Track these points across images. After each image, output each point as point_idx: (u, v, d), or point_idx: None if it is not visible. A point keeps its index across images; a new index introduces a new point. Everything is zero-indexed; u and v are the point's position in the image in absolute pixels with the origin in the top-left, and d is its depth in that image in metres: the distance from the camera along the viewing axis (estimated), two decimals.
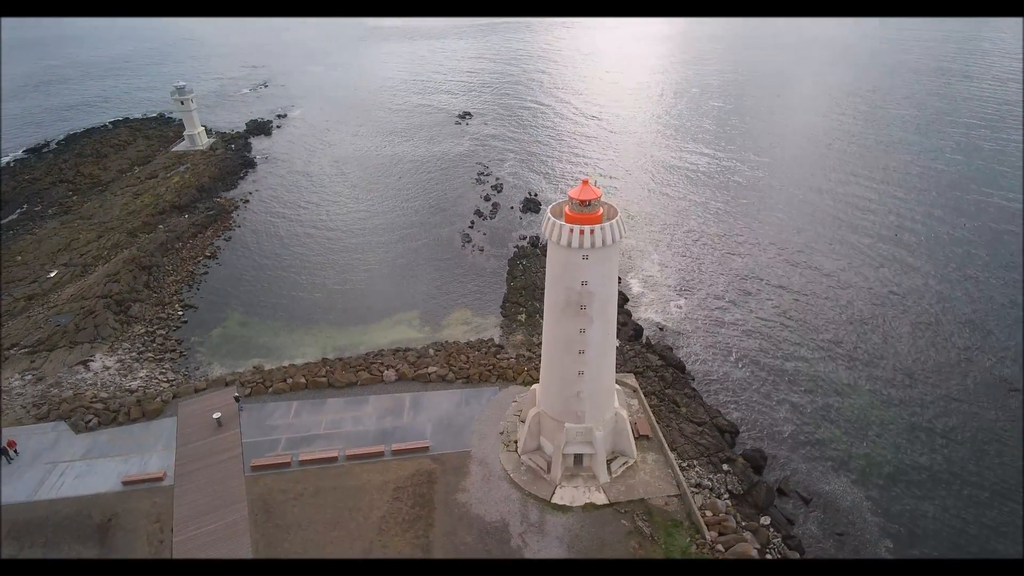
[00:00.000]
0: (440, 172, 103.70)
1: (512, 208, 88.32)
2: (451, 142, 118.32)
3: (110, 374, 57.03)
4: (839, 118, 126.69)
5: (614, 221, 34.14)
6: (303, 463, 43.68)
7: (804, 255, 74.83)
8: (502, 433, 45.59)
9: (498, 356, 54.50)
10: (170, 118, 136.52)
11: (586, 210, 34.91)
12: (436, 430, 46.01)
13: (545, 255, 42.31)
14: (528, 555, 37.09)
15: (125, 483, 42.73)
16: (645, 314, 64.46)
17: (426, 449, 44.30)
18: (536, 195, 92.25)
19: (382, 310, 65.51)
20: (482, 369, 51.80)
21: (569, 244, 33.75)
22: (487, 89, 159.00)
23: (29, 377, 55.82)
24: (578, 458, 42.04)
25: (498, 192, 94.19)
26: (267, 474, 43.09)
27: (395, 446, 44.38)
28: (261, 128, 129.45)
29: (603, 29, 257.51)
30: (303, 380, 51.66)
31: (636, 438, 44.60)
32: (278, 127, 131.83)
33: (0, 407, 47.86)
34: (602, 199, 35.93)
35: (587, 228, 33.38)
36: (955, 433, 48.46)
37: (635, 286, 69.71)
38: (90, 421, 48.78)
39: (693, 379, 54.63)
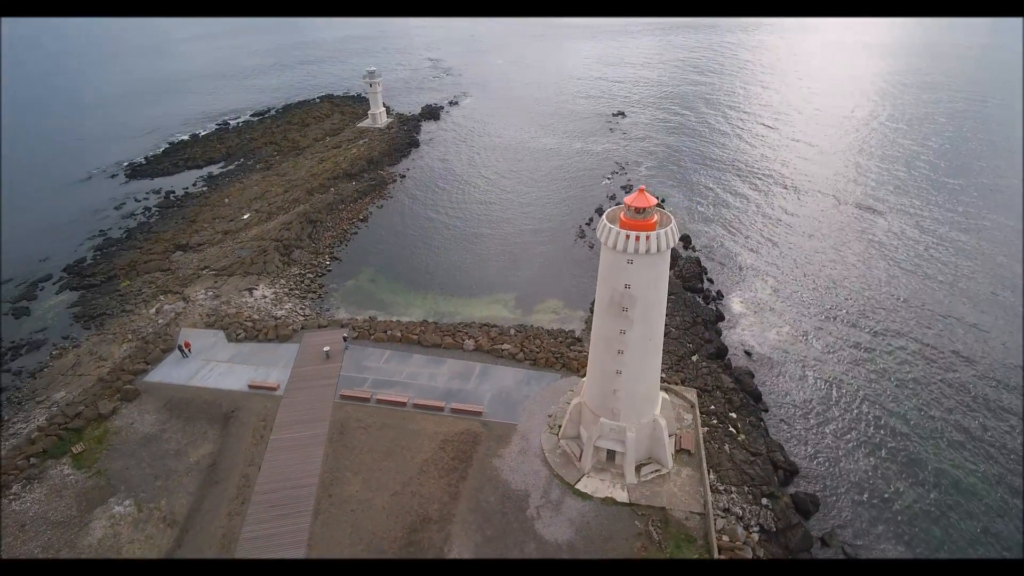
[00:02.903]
0: (575, 167, 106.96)
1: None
2: (595, 140, 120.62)
3: (264, 302, 70.14)
4: None
5: (663, 231, 35.13)
6: (379, 401, 50.92)
7: (951, 325, 63.49)
8: (550, 416, 48.58)
9: (571, 347, 57.08)
10: (364, 98, 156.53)
11: (639, 217, 36.30)
12: (493, 400, 50.45)
13: None
14: (539, 527, 40.05)
15: (250, 387, 53.48)
16: (738, 336, 62.05)
17: (479, 414, 48.99)
18: (663, 201, 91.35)
19: (484, 288, 71.39)
20: (550, 355, 54.99)
21: (614, 247, 35.58)
22: (649, 91, 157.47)
23: (210, 293, 70.97)
24: (611, 455, 43.63)
25: (626, 192, 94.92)
26: (350, 404, 51.03)
27: (454, 405, 49.75)
28: (432, 113, 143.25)
29: (795, 32, 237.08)
30: (399, 335, 59.35)
31: (677, 451, 44.78)
32: (447, 113, 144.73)
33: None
34: (658, 207, 36.97)
35: (632, 233, 34.93)
36: None
37: (736, 306, 67.02)
38: (240, 335, 61.27)
39: (765, 410, 52.12)
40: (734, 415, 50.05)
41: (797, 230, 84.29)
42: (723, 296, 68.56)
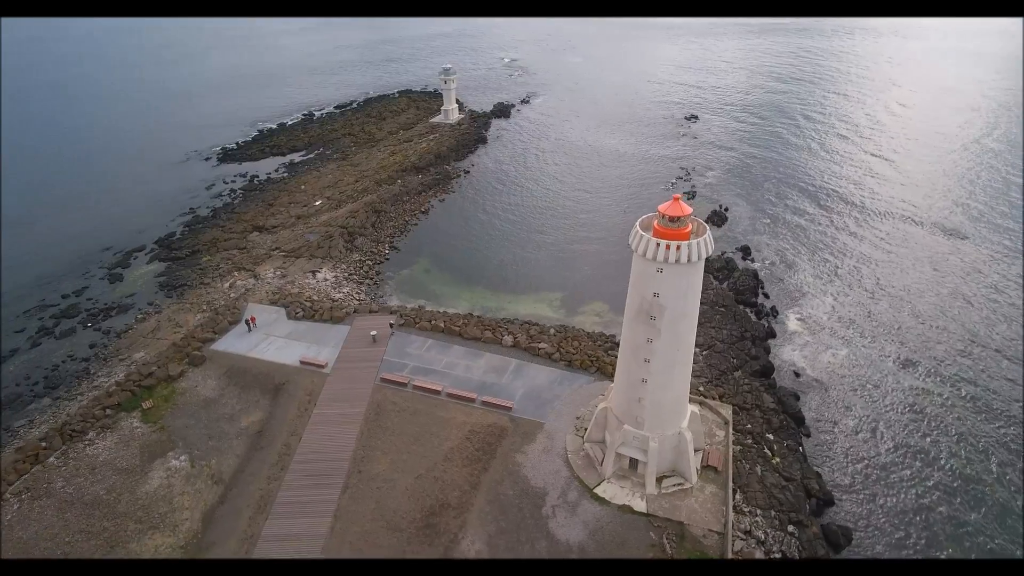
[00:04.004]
0: (639, 171, 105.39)
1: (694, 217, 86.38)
2: (664, 143, 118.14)
3: (325, 284, 74.23)
4: None
5: (695, 241, 34.60)
6: (415, 388, 53.01)
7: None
8: (578, 418, 48.79)
9: (609, 352, 56.82)
10: (439, 94, 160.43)
11: (672, 226, 35.91)
12: (523, 397, 51.28)
13: None
14: (553, 526, 40.55)
15: (301, 362, 57.03)
16: (788, 355, 59.41)
17: (509, 409, 49.96)
18: (727, 210, 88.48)
19: (532, 286, 72.19)
20: (585, 358, 55.06)
21: (644, 254, 35.38)
22: (725, 97, 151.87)
23: (278, 273, 75.95)
24: (634, 463, 43.37)
25: (688, 199, 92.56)
26: (388, 387, 53.41)
27: (485, 398, 51.01)
28: (503, 111, 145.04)
29: (892, 37, 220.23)
30: (442, 325, 61.32)
31: (703, 467, 43.83)
32: (518, 111, 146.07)
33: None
34: (691, 216, 36.39)
35: (663, 242, 34.62)
36: None
37: (791, 323, 64.07)
38: (298, 313, 65.32)
39: (807, 435, 49.74)
40: (771, 436, 48.21)
41: (868, 252, 79.04)
42: (777, 312, 65.74)
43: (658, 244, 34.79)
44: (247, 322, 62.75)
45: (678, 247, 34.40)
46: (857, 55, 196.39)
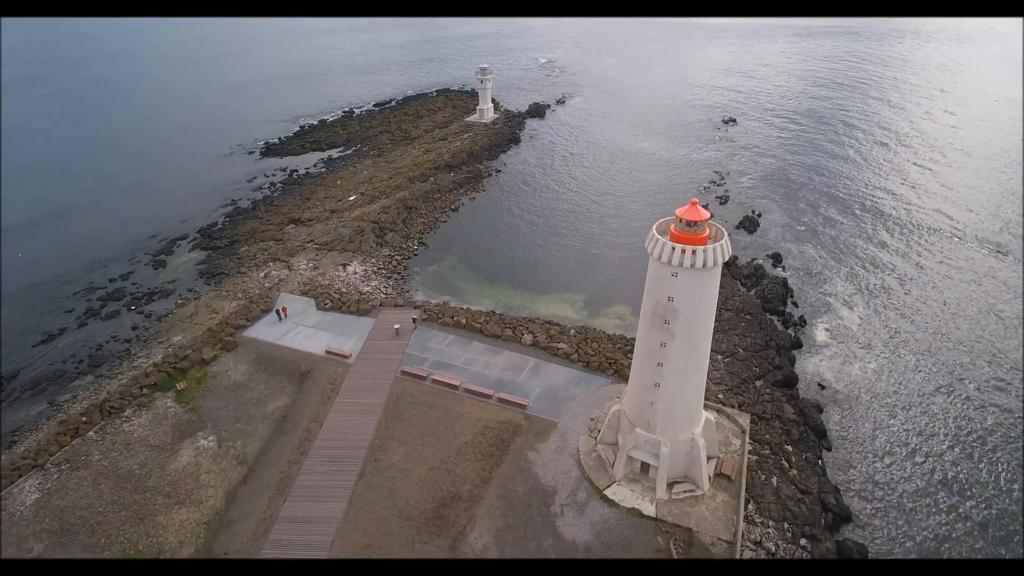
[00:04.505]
0: (672, 174, 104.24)
1: (726, 222, 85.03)
2: (699, 147, 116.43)
3: (354, 278, 76.13)
4: None
5: (712, 246, 34.40)
6: (434, 382, 54.04)
7: None
8: (592, 419, 48.96)
9: (628, 355, 56.59)
10: (476, 93, 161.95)
11: (689, 230, 35.77)
12: (539, 395, 51.73)
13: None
14: (561, 525, 40.95)
15: (327, 352, 58.83)
16: (814, 367, 58.10)
17: (524, 407, 50.49)
18: (759, 216, 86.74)
19: (555, 286, 72.50)
20: (604, 360, 55.12)
21: (659, 258, 35.39)
22: (765, 101, 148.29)
23: (310, 265, 78.27)
24: (645, 467, 43.35)
25: (721, 204, 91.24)
26: (408, 380, 54.64)
27: (501, 395, 51.64)
28: (538, 111, 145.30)
29: (945, 42, 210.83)
30: (464, 322, 62.25)
31: (716, 474, 43.48)
32: (552, 111, 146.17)
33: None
34: (709, 220, 36.18)
35: (679, 246, 34.56)
36: None
37: (819, 334, 62.58)
38: (327, 304, 67.27)
39: (828, 448, 48.64)
40: (790, 448, 47.37)
41: (905, 267, 76.26)
42: (805, 322, 64.30)
43: (673, 248, 34.74)
44: (278, 311, 64.94)
45: (693, 252, 34.27)
46: (906, 60, 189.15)
